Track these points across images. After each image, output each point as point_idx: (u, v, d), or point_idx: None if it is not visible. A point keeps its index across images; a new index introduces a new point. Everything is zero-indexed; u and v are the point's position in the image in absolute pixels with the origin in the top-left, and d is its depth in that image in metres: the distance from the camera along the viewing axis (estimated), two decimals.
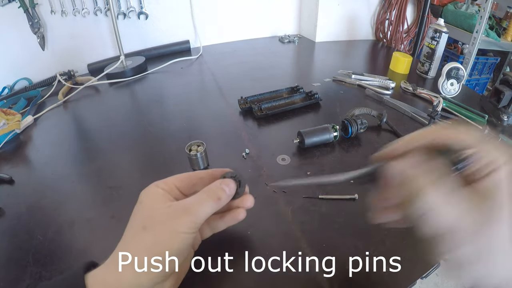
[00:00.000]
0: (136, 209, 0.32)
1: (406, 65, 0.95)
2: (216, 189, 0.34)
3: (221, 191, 0.33)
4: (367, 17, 1.30)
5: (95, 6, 0.97)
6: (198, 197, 0.32)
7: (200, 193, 0.33)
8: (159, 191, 0.33)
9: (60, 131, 0.73)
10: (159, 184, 0.34)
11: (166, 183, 0.34)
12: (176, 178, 0.35)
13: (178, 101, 0.83)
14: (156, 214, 0.30)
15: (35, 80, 0.95)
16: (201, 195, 0.33)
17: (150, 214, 0.31)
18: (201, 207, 0.32)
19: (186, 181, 0.35)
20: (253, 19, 1.27)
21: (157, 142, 0.65)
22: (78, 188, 0.54)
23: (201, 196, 0.33)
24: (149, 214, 0.31)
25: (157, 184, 0.34)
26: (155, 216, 0.30)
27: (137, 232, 0.30)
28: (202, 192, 0.33)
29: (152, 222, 0.30)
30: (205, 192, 0.33)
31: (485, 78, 1.79)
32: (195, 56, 1.12)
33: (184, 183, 0.35)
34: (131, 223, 0.31)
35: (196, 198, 0.32)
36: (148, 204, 0.32)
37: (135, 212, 0.32)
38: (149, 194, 0.33)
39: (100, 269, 0.28)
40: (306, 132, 0.59)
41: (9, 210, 0.49)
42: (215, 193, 0.33)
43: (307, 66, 1.11)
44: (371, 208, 0.29)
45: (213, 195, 0.33)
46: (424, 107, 0.75)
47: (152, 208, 0.31)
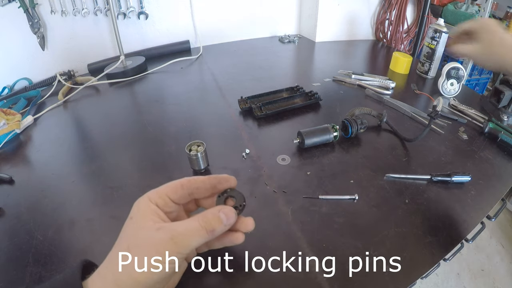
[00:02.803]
0: (126, 225, 0.31)
1: (406, 65, 0.95)
2: (212, 218, 0.31)
3: (217, 221, 0.31)
4: (367, 17, 1.30)
5: (95, 6, 0.97)
6: (189, 225, 0.30)
7: (193, 219, 0.30)
8: (151, 208, 0.31)
9: (60, 131, 0.73)
10: (152, 198, 0.32)
11: (160, 196, 0.32)
12: (171, 189, 0.33)
13: (178, 101, 0.83)
14: (142, 235, 0.29)
15: (35, 80, 0.95)
16: (193, 223, 0.30)
17: (137, 235, 0.29)
18: (190, 238, 0.29)
19: (180, 192, 0.33)
20: (253, 19, 1.27)
21: (157, 142, 0.65)
22: (78, 188, 0.54)
23: (193, 224, 0.30)
24: (135, 233, 0.30)
25: (150, 198, 0.32)
26: (141, 237, 0.29)
27: (121, 251, 0.28)
28: (195, 219, 0.30)
29: (136, 246, 0.28)
30: (199, 220, 0.30)
31: (485, 78, 1.79)
32: (195, 56, 1.12)
33: (178, 194, 0.33)
34: (119, 240, 0.30)
35: (187, 226, 0.30)
36: (137, 222, 0.30)
37: (124, 228, 0.31)
38: (140, 210, 0.31)
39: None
40: (306, 132, 0.59)
41: (9, 210, 0.49)
42: (209, 224, 0.30)
43: (307, 66, 1.11)
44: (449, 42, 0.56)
45: (208, 225, 0.30)
46: (424, 107, 0.75)
47: (140, 227, 0.30)
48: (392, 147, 0.62)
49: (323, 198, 0.49)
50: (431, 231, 0.43)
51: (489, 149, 0.61)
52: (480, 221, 0.47)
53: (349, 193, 0.49)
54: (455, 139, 0.64)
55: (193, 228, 0.30)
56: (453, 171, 0.52)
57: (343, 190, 0.50)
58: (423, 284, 1.30)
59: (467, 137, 0.64)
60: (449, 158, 0.58)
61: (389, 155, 0.59)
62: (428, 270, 0.39)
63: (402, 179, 0.53)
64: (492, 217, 0.50)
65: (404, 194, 0.50)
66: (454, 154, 0.60)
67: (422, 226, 0.44)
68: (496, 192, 0.52)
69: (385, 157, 0.59)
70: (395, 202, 0.48)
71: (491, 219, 0.50)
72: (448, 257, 0.44)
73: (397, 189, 0.51)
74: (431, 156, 0.59)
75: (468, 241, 0.46)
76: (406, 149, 0.61)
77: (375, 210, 0.47)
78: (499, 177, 0.54)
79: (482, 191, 0.51)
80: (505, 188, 0.52)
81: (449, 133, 0.65)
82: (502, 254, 1.45)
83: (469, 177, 0.52)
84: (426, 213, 0.46)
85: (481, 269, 1.39)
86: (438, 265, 0.41)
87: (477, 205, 0.48)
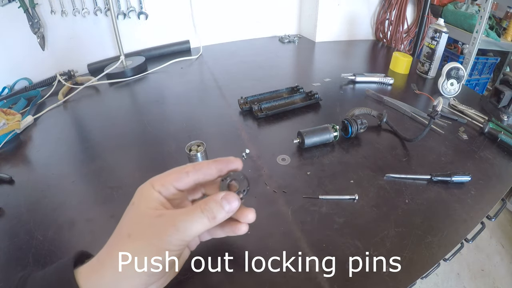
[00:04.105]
0: (127, 210, 0.31)
1: (406, 65, 0.95)
2: (214, 206, 0.30)
3: (218, 209, 0.30)
4: (367, 17, 1.30)
5: (95, 6, 0.97)
6: (191, 212, 0.30)
7: (195, 206, 0.30)
8: (153, 195, 0.31)
9: (60, 131, 0.73)
10: (155, 185, 0.31)
11: (164, 184, 0.31)
12: (175, 177, 0.32)
13: (178, 101, 0.83)
14: (143, 222, 0.29)
15: (35, 80, 0.95)
16: (195, 210, 0.30)
17: (138, 221, 0.29)
18: (192, 225, 0.29)
19: (185, 180, 0.32)
20: (253, 19, 1.27)
21: (157, 142, 0.65)
22: (78, 188, 0.54)
23: (194, 211, 0.30)
24: (137, 220, 0.29)
25: (153, 184, 0.31)
26: (142, 224, 0.29)
27: (121, 239, 0.29)
28: (197, 206, 0.30)
29: (137, 232, 0.28)
30: (201, 207, 0.30)
31: (485, 78, 1.79)
32: (195, 56, 1.12)
33: (183, 182, 0.32)
34: (119, 226, 0.30)
35: (188, 213, 0.30)
36: (139, 208, 0.30)
37: (125, 214, 0.31)
38: (142, 195, 0.31)
39: (86, 267, 0.28)
40: (306, 132, 0.59)
41: (9, 210, 0.49)
42: (211, 211, 0.30)
43: (307, 66, 1.11)
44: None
45: (209, 212, 0.30)
46: (424, 107, 0.75)
47: (141, 214, 0.30)
48: (392, 147, 0.62)
49: (323, 198, 0.49)
50: (431, 231, 0.43)
51: (489, 149, 0.61)
52: (480, 221, 0.47)
53: (349, 193, 0.49)
54: (455, 139, 0.64)
55: (194, 215, 0.29)
56: (453, 171, 0.52)
57: (343, 190, 0.50)
58: (423, 284, 1.30)
59: (467, 137, 0.64)
60: (449, 158, 0.58)
61: (389, 155, 0.59)
62: (428, 270, 0.39)
63: (402, 179, 0.53)
64: (492, 217, 0.50)
65: (404, 194, 0.50)
66: (454, 154, 0.60)
67: (422, 226, 0.44)
68: (496, 192, 0.52)
69: (385, 157, 0.59)
70: (395, 202, 0.48)
71: (491, 219, 0.50)
72: (448, 257, 0.44)
73: (397, 189, 0.51)
74: (431, 156, 0.59)
75: (468, 241, 0.46)
76: (406, 149, 0.61)
77: (375, 210, 0.47)
78: (499, 177, 0.54)
79: (482, 191, 0.51)
80: (505, 188, 0.52)
81: (449, 133, 0.65)
82: (502, 254, 1.45)
83: (469, 177, 0.52)
84: (426, 213, 0.46)
85: (481, 269, 1.39)
86: (438, 265, 0.41)
87: (477, 205, 0.48)
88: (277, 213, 0.47)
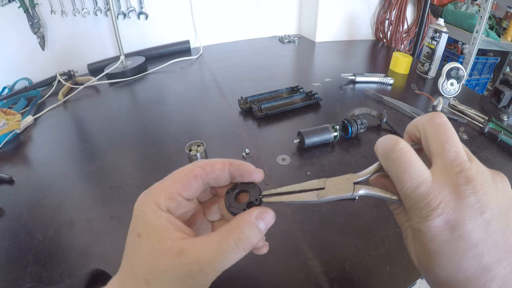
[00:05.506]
0: (135, 244, 0.23)
1: (406, 65, 0.95)
2: (250, 231, 0.23)
3: (256, 234, 0.23)
4: (367, 17, 1.30)
5: (95, 6, 0.97)
6: (220, 246, 0.22)
7: (223, 237, 0.23)
8: (163, 221, 0.23)
9: (60, 131, 0.73)
10: (161, 201, 0.23)
11: (171, 197, 0.23)
12: (182, 185, 0.24)
13: (178, 101, 0.83)
14: (161, 265, 0.22)
15: (35, 80, 0.95)
16: (227, 243, 0.22)
17: (154, 264, 0.22)
18: (224, 264, 0.22)
19: (195, 185, 0.25)
20: (253, 19, 1.27)
21: (157, 142, 0.65)
22: (78, 188, 0.54)
23: (226, 246, 0.22)
24: (152, 262, 0.22)
25: (157, 202, 0.23)
26: (161, 268, 0.22)
27: (137, 286, 0.22)
28: (226, 235, 0.23)
29: (157, 278, 0.22)
30: (233, 238, 0.22)
31: (485, 78, 1.79)
32: (195, 56, 1.12)
33: (193, 189, 0.25)
34: (131, 266, 0.23)
35: (217, 249, 0.22)
36: (151, 244, 0.22)
37: (133, 249, 0.23)
38: (148, 224, 0.23)
39: None
40: (306, 132, 0.59)
41: (9, 210, 0.49)
42: (247, 240, 0.23)
43: (307, 66, 1.11)
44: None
45: (245, 243, 0.22)
46: (424, 107, 0.75)
47: (156, 253, 0.22)
48: None
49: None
50: None
51: (489, 149, 0.61)
52: None
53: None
54: None
55: (227, 251, 0.22)
56: None
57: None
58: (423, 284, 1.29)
59: (467, 137, 0.64)
60: None
61: None
62: None
63: None
64: None
65: None
66: None
67: None
68: None
69: None
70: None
71: None
72: None
73: None
74: None
75: None
76: None
77: (375, 210, 0.47)
78: None
79: None
80: None
81: None
82: None
83: None
84: None
85: None
86: None
87: None
88: (277, 213, 0.46)
